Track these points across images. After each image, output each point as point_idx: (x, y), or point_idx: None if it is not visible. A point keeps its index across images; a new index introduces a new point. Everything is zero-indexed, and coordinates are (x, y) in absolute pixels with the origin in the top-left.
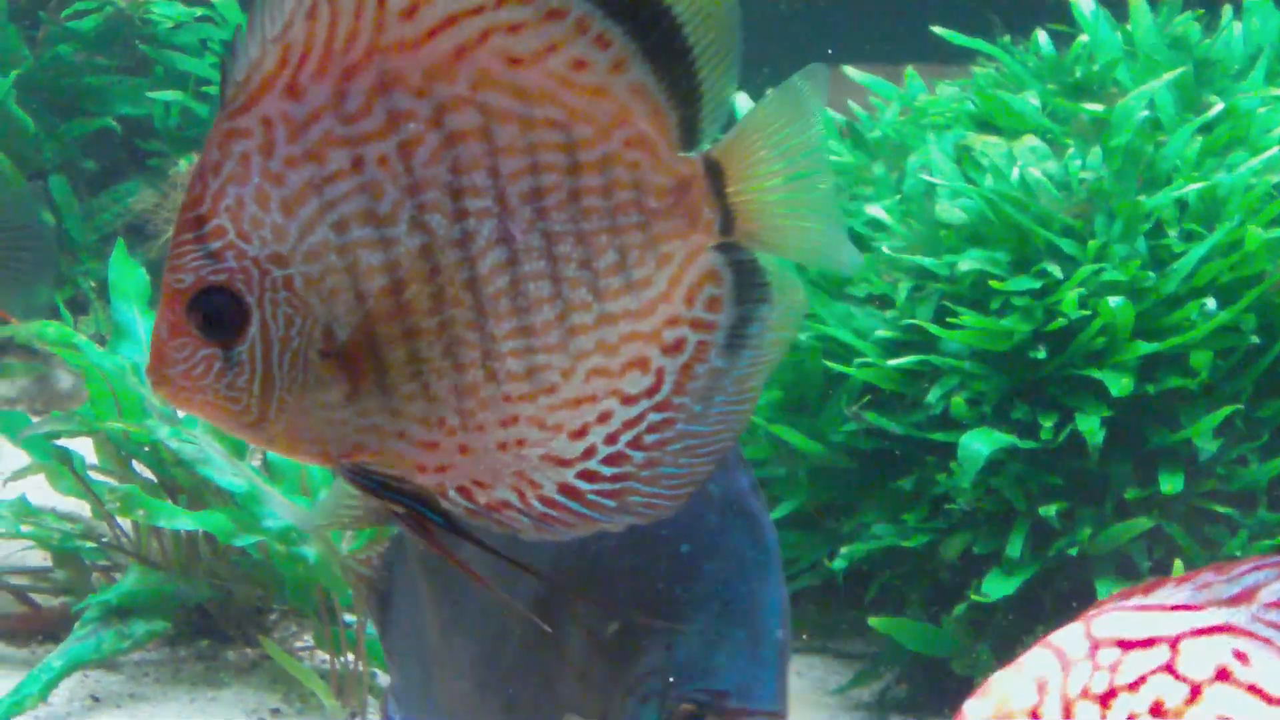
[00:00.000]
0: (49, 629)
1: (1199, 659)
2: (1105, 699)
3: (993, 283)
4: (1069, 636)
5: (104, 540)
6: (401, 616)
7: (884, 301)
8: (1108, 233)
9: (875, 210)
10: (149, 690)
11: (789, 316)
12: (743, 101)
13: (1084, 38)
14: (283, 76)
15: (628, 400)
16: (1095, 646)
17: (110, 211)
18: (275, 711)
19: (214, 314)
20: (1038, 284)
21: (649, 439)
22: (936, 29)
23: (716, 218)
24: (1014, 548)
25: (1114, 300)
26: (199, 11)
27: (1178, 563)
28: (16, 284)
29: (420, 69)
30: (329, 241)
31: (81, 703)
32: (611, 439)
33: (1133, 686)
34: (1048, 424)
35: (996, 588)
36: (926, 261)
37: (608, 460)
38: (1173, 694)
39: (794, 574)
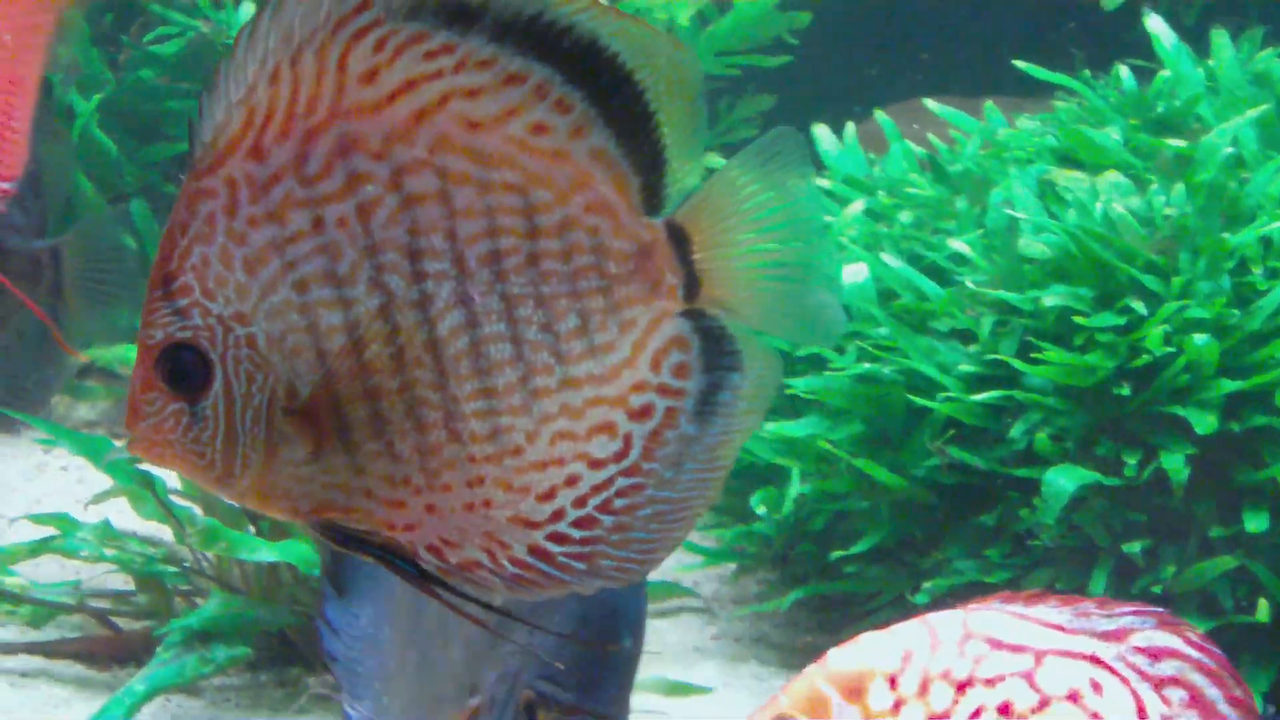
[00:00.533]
0: (131, 653)
1: (1057, 676)
2: (962, 686)
3: (1077, 318)
4: (946, 620)
5: (186, 565)
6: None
7: (967, 336)
8: (1192, 269)
9: (958, 244)
10: (230, 715)
11: (762, 386)
12: (823, 135)
13: (1166, 73)
14: (247, 139)
15: (595, 464)
16: (967, 636)
17: None
18: None
19: (180, 369)
20: (1122, 320)
21: (618, 503)
22: (1018, 63)
23: (680, 283)
24: (1097, 585)
25: (1199, 338)
26: None
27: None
28: (99, 307)
29: (380, 132)
30: (290, 300)
31: None
32: (580, 502)
33: (990, 682)
34: (1131, 461)
35: None
36: (1010, 296)
37: (577, 524)
38: (1023, 699)
39: (874, 608)
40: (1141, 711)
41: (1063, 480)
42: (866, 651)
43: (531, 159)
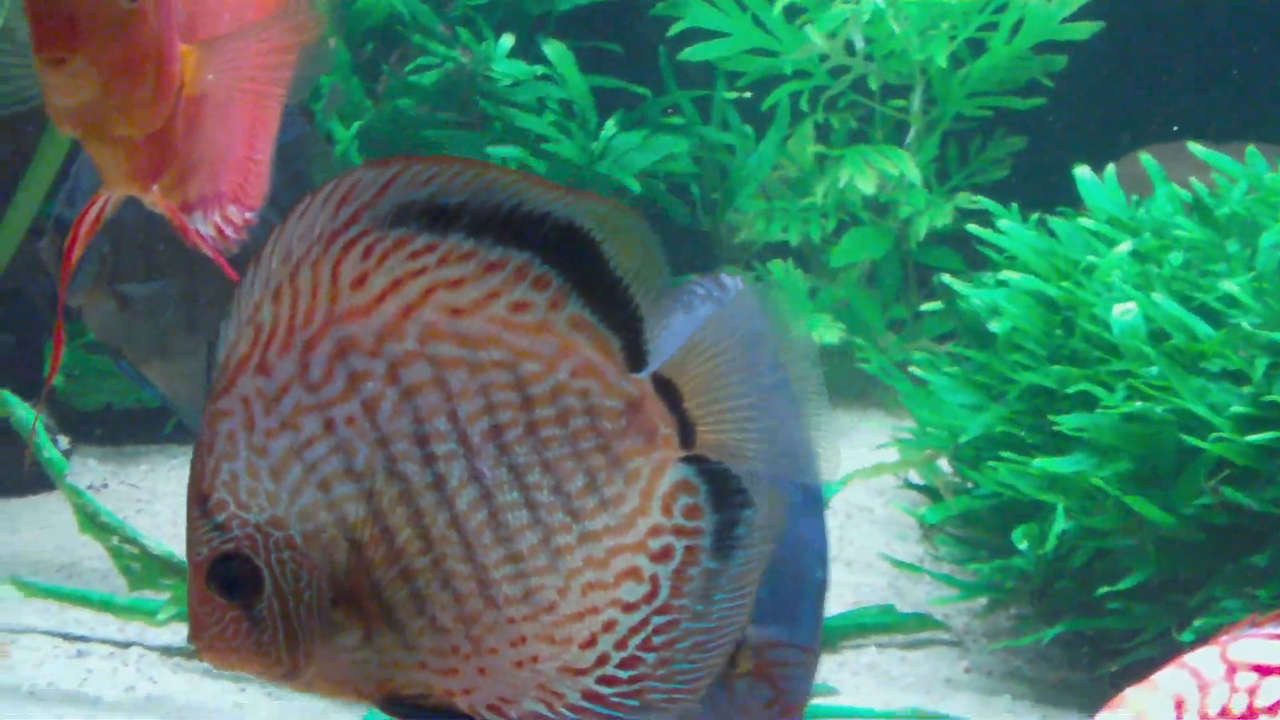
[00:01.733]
0: None
1: None
2: (1243, 719)
3: None
4: (1204, 658)
5: None
6: None
7: (1239, 377)
8: None
9: (1229, 286)
10: None
11: (775, 515)
12: (1084, 175)
13: None
14: (254, 356)
15: (629, 608)
16: (1232, 670)
17: None
18: None
19: (230, 579)
20: None
21: (657, 640)
22: None
23: (674, 432)
24: None
25: None
26: (539, 70)
27: None
28: None
29: (372, 332)
30: (318, 500)
31: None
32: (621, 645)
33: (1271, 710)
34: None
35: None
36: None
37: (622, 665)
38: None
39: (1134, 646)
40: None
41: None
42: (1136, 708)
43: (515, 335)
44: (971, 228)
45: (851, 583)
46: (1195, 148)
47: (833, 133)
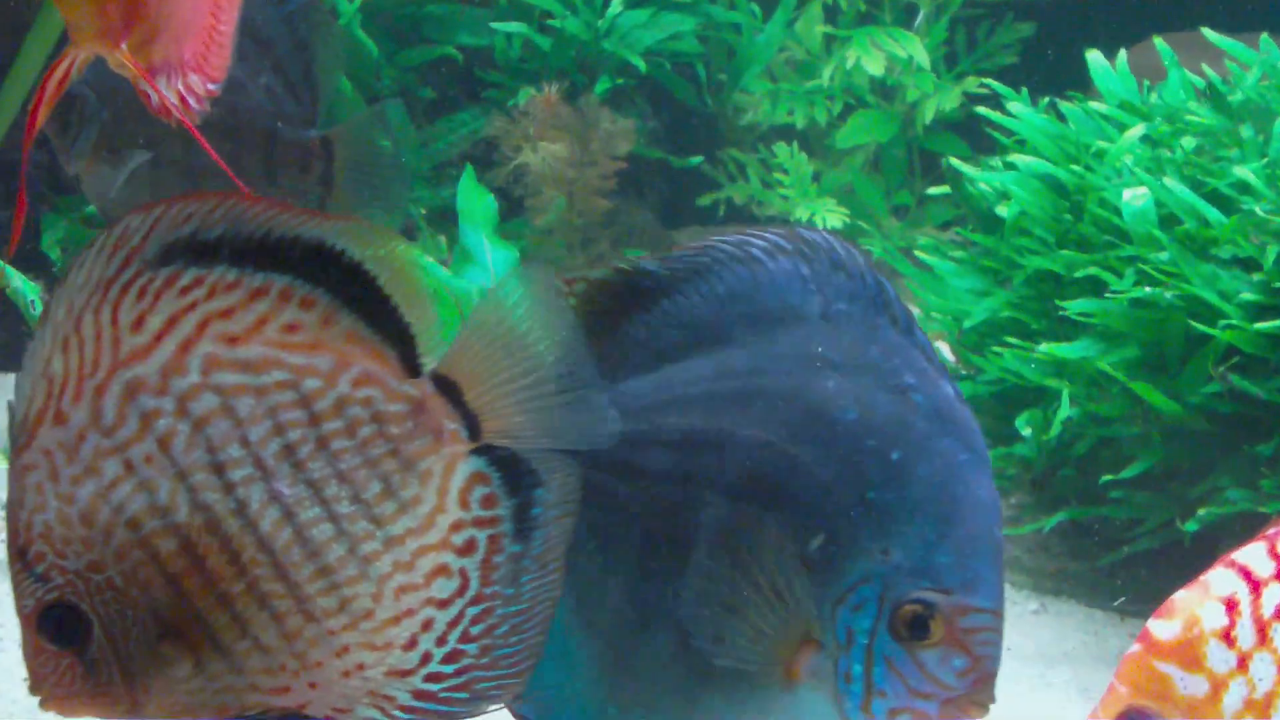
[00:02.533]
0: None
1: None
2: None
3: None
4: (1253, 555)
5: None
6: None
7: (1250, 264)
8: None
9: (1242, 172)
10: None
11: (567, 490)
12: (1095, 61)
13: None
14: (49, 408)
15: (443, 605)
16: None
17: (445, 140)
18: None
19: (59, 628)
20: None
21: (475, 630)
22: None
23: (460, 427)
24: None
25: None
26: None
27: None
28: (362, 202)
29: (156, 370)
30: (129, 539)
31: None
32: (441, 641)
33: None
34: None
35: None
36: None
37: (446, 659)
38: None
39: (1136, 535)
40: None
41: None
42: (1186, 614)
43: (293, 355)
44: (981, 110)
45: None
46: (1210, 34)
47: (841, 14)
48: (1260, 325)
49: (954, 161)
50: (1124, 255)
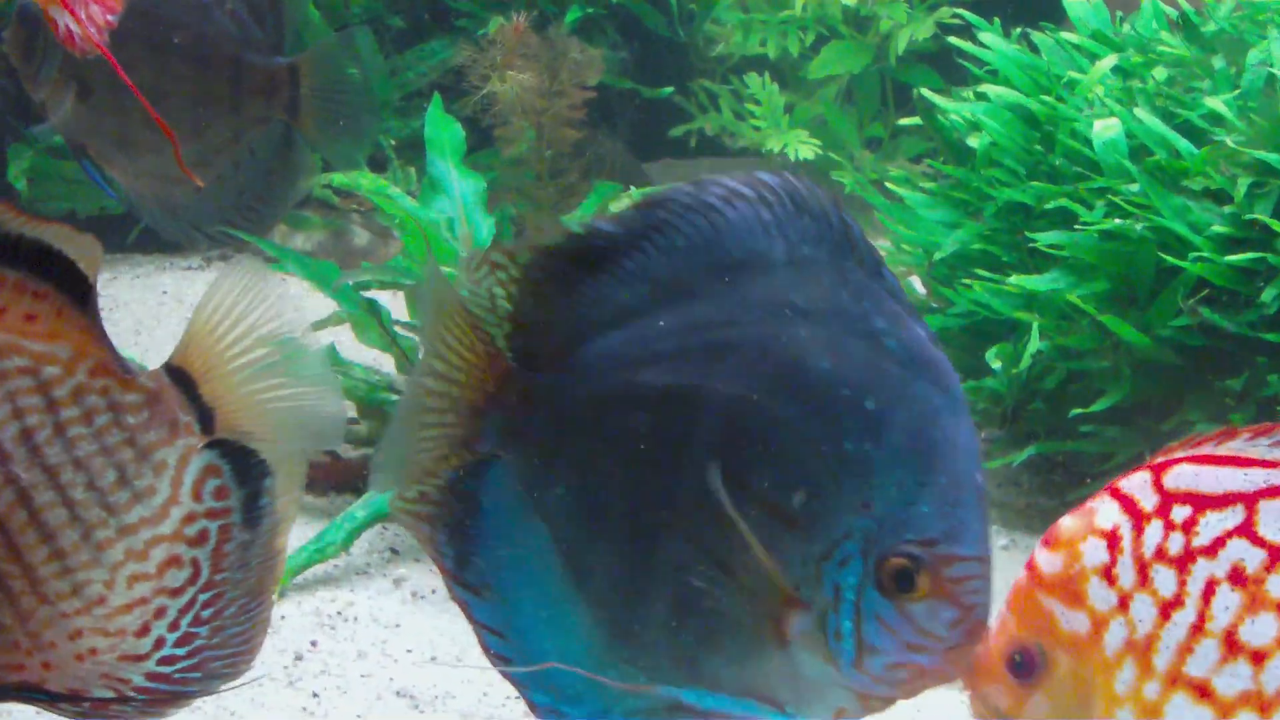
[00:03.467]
0: (349, 480)
1: (1278, 520)
2: (1182, 563)
3: None
4: (1137, 486)
5: None
6: (497, 542)
7: (1221, 196)
8: None
9: (1214, 103)
10: None
11: (292, 478)
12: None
13: None
14: None
15: (175, 593)
16: (1167, 500)
17: (415, 70)
18: None
19: None
20: None
21: (206, 614)
22: None
23: (194, 419)
24: None
25: None
26: None
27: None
28: (329, 130)
29: None
30: None
31: (381, 554)
32: (174, 626)
33: (1209, 550)
34: None
35: None
36: (1270, 157)
37: (178, 643)
38: (1252, 559)
39: (1106, 470)
40: None
41: None
42: (1070, 548)
43: (33, 342)
44: (953, 40)
45: None
46: None
47: None
48: (1231, 258)
49: (925, 92)
50: (1094, 187)
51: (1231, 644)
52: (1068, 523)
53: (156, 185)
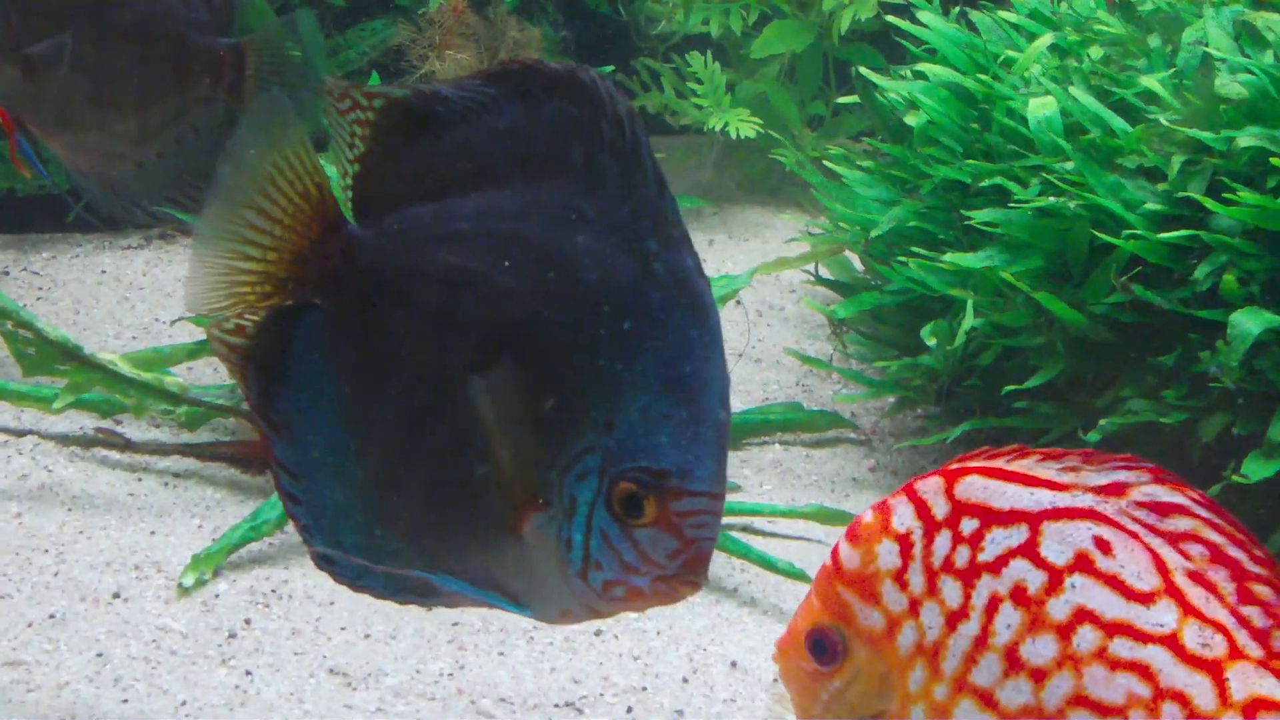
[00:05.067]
0: None
1: (1059, 544)
2: (968, 577)
3: (1273, 160)
4: (931, 491)
5: None
6: (299, 386)
7: (1155, 174)
8: None
9: (1149, 82)
10: None
11: None
12: None
13: None
14: None
15: None
16: (958, 511)
17: (356, 48)
18: None
19: None
20: None
21: None
22: None
23: None
24: (1276, 431)
25: None
26: None
27: None
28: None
29: None
30: None
31: None
32: None
33: (993, 568)
34: None
35: (1256, 469)
36: (1203, 135)
37: None
38: (1033, 580)
39: (1042, 445)
40: (1161, 567)
41: (1248, 322)
42: (867, 548)
43: None
44: (891, 19)
45: (759, 379)
46: None
47: None
48: (1164, 235)
49: (864, 71)
50: (1029, 165)
51: (1013, 660)
52: (868, 519)
53: (98, 161)
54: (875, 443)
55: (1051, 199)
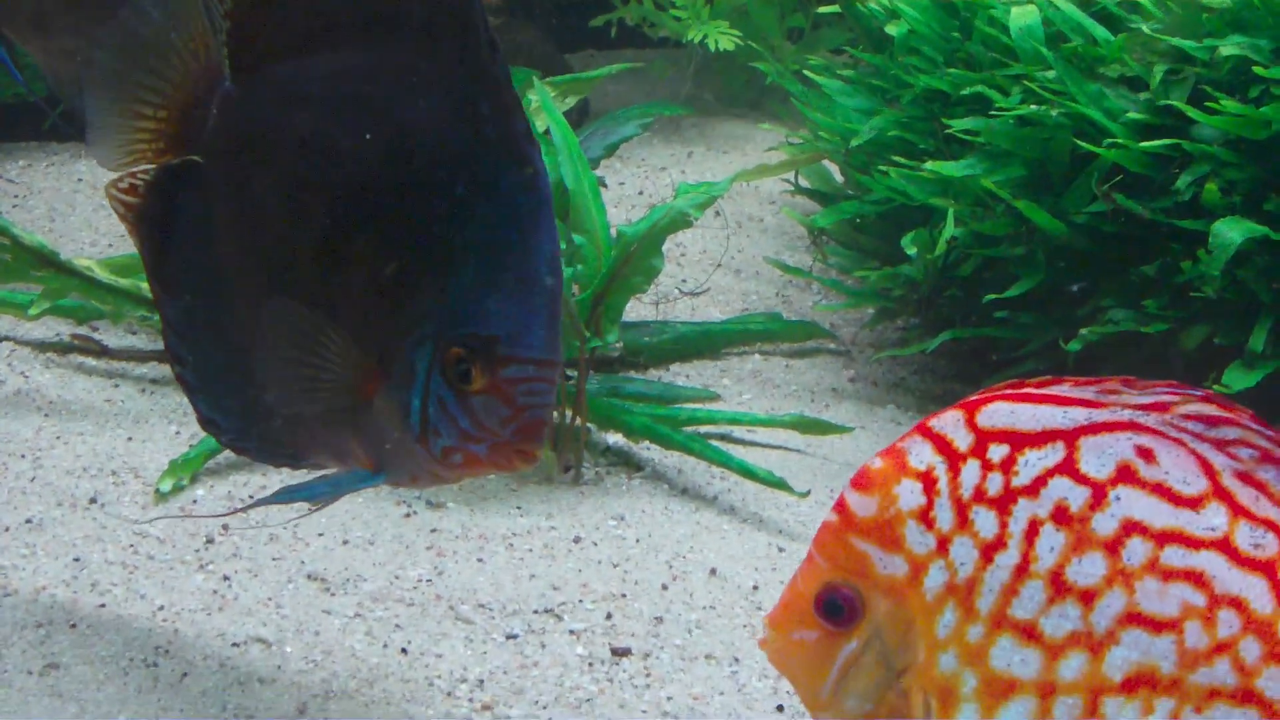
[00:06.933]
0: None
1: (1099, 456)
2: (1003, 504)
3: (1256, 69)
4: (949, 425)
5: None
6: (185, 245)
7: (1137, 84)
8: None
9: None
10: None
11: None
12: None
13: None
14: None
15: None
16: (983, 439)
17: None
18: None
19: None
20: None
21: None
22: None
23: None
24: (1257, 341)
25: None
26: None
27: None
28: None
29: None
30: None
31: None
32: None
33: (1030, 490)
34: None
35: (1237, 380)
36: (1185, 44)
37: None
38: (1075, 498)
39: (1022, 355)
40: (1208, 469)
41: (1230, 232)
42: (884, 491)
43: None
44: None
45: (739, 290)
46: None
47: None
48: (1145, 144)
49: None
50: (1011, 74)
51: (1058, 585)
52: (879, 464)
53: (74, 67)
54: (855, 353)
55: (1033, 107)
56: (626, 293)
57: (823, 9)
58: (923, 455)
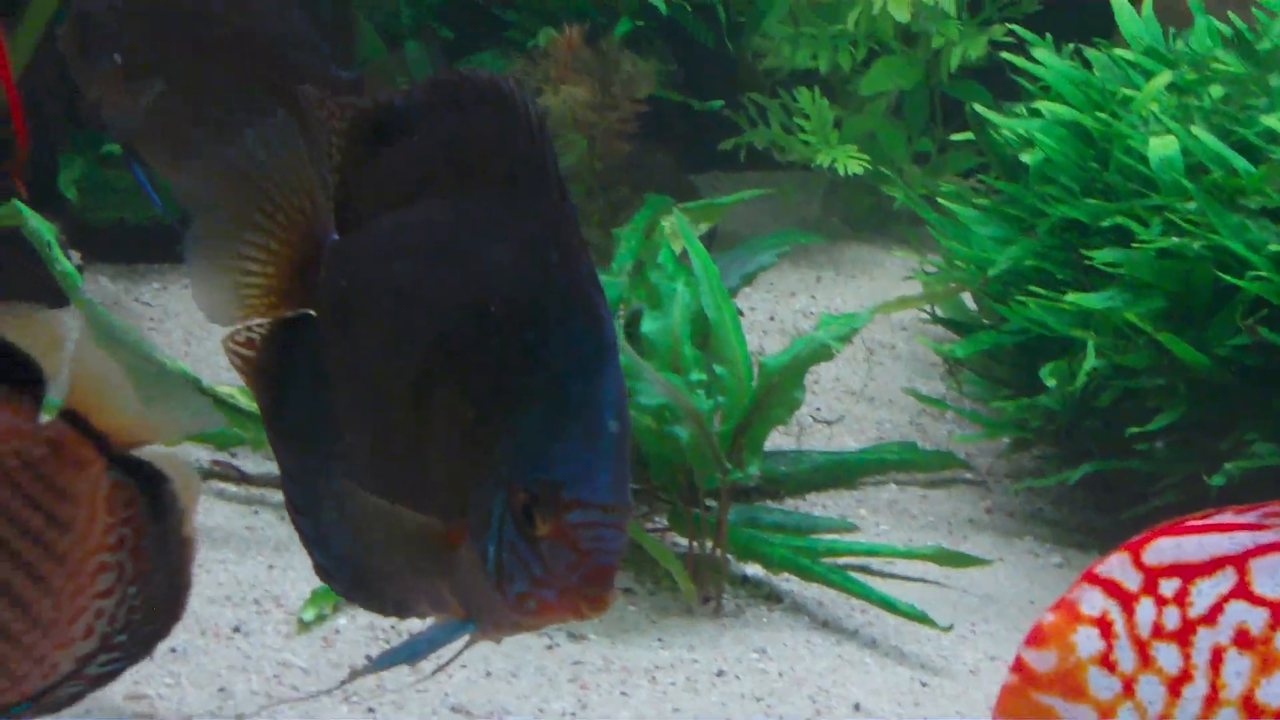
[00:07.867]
0: None
1: (1272, 576)
2: (1183, 636)
3: None
4: (1116, 568)
5: None
6: (299, 397)
7: (1278, 216)
8: None
9: (1270, 121)
10: None
11: (185, 472)
12: (1121, 7)
13: None
14: None
15: (107, 594)
16: (1152, 577)
17: None
18: (627, 590)
19: None
20: None
21: (135, 600)
22: None
23: (94, 450)
24: None
25: None
26: None
27: None
28: None
29: None
30: None
31: None
32: (112, 620)
33: (1208, 619)
34: None
35: None
36: None
37: (120, 630)
38: (1255, 620)
39: (1162, 488)
40: None
41: None
42: (1060, 642)
43: None
44: (1007, 55)
45: (873, 419)
46: None
47: None
48: None
49: (978, 108)
50: (1151, 205)
51: (1250, 709)
52: (1051, 618)
53: (204, 191)
54: (991, 484)
55: (1174, 239)
56: (768, 424)
57: (955, 136)
58: (1094, 602)
